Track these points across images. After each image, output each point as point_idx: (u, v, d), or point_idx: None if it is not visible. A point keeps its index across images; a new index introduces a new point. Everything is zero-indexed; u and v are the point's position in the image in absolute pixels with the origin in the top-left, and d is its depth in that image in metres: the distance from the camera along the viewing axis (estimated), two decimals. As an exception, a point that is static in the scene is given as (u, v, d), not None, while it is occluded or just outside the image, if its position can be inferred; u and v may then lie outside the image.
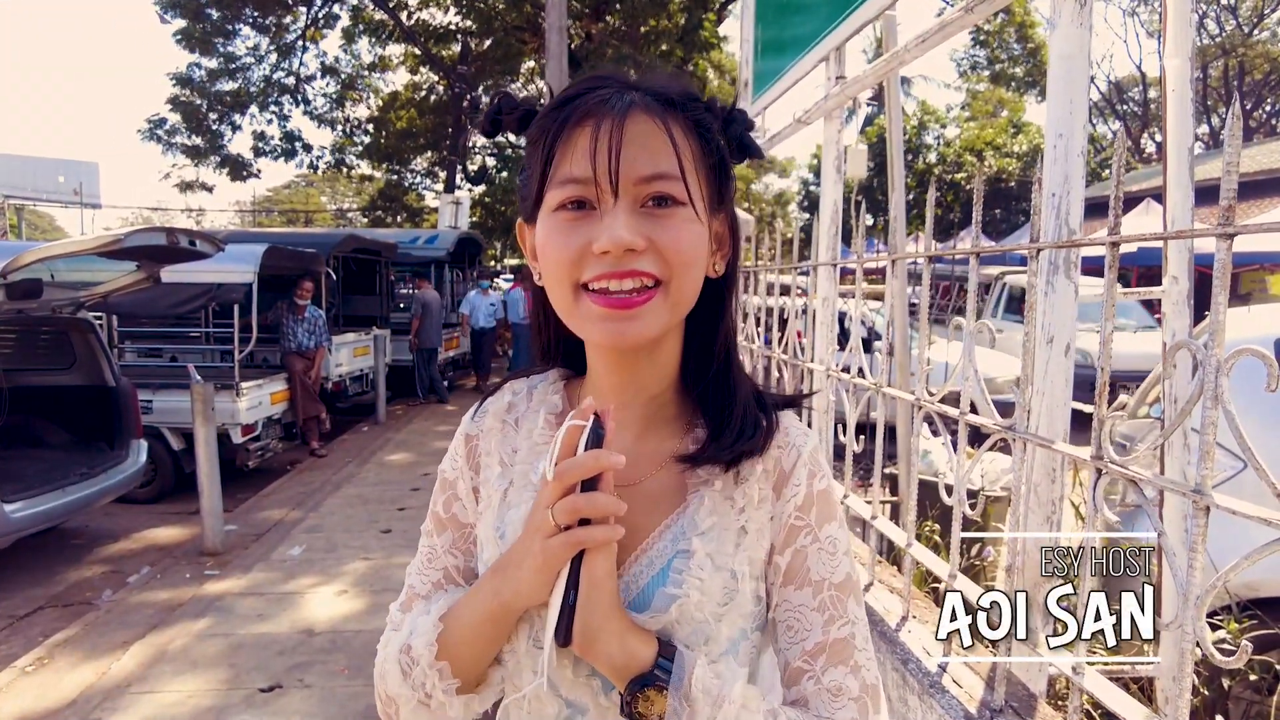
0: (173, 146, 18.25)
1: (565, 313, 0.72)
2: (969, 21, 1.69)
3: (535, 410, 0.83)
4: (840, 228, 2.37)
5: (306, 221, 36.39)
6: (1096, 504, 0.90)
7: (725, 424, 0.75)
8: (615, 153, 0.66)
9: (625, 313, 0.68)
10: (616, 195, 0.67)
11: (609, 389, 0.78)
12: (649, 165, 0.67)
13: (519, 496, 0.78)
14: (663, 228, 0.68)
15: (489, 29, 17.20)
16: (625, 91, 0.70)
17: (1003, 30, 24.68)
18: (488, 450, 0.83)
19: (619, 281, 0.67)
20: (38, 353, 5.86)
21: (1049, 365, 1.34)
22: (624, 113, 0.68)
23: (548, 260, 0.71)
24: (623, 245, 0.65)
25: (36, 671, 3.64)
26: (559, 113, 0.70)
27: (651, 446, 0.78)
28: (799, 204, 34.84)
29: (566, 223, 0.69)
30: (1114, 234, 0.90)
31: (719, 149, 0.74)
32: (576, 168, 0.68)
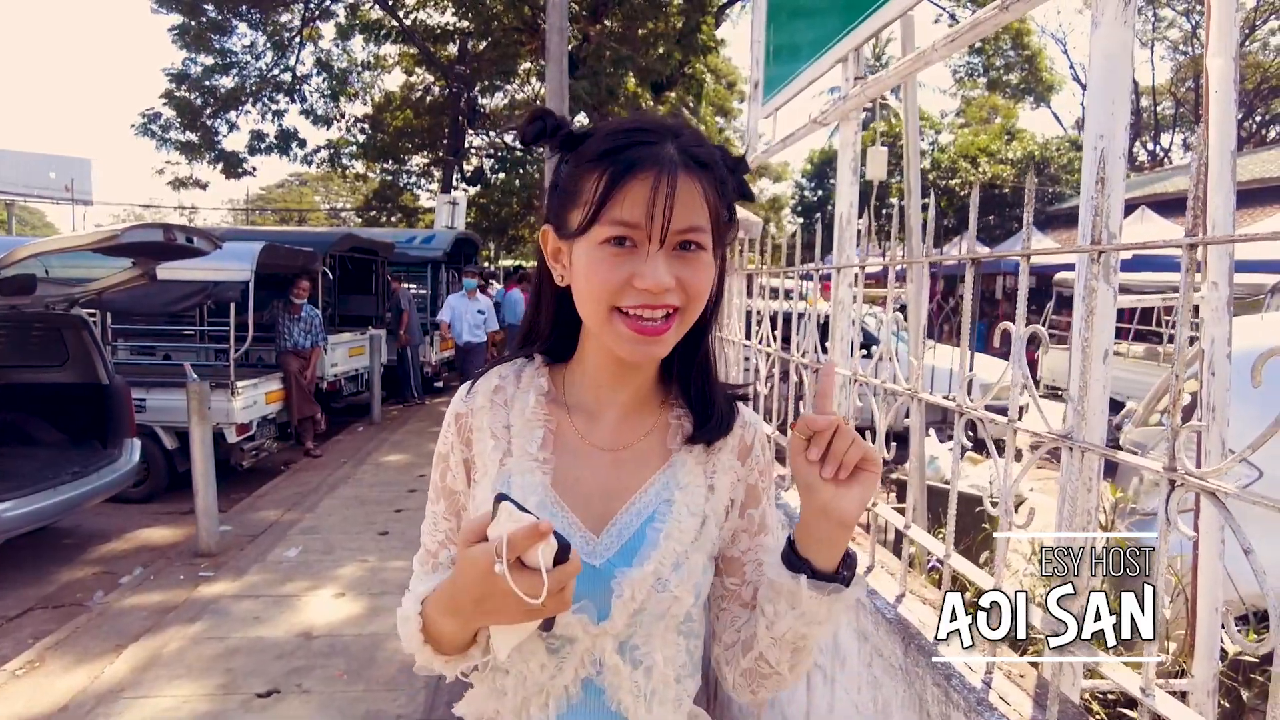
0: (167, 142, 18.11)
1: (597, 327, 0.85)
2: (1003, 20, 1.65)
3: (525, 391, 0.96)
4: (857, 230, 2.34)
5: (300, 221, 36.20)
6: (1170, 518, 0.87)
7: (709, 416, 0.94)
8: (667, 212, 0.79)
9: (652, 338, 0.83)
10: (662, 244, 0.81)
11: (604, 377, 0.94)
12: (686, 220, 0.81)
13: (519, 465, 0.91)
14: (689, 270, 0.83)
15: (487, 30, 17.15)
16: (671, 145, 0.82)
17: (998, 37, 24.76)
18: (479, 426, 0.95)
19: (652, 311, 0.82)
20: (30, 350, 5.77)
21: (1092, 368, 1.31)
22: (674, 173, 0.80)
23: (591, 283, 0.83)
24: (664, 288, 0.80)
25: (27, 675, 3.57)
26: (618, 157, 0.81)
27: (636, 420, 0.96)
28: (793, 209, 34.89)
29: (613, 256, 0.81)
30: (1191, 235, 0.87)
31: (729, 203, 0.88)
32: (631, 214, 0.80)
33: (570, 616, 0.85)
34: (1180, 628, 2.13)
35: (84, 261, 5.06)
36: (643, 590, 0.86)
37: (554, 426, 0.94)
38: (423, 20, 18.34)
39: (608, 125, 0.86)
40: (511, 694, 0.90)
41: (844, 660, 1.62)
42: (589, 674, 0.89)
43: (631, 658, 0.89)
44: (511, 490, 0.89)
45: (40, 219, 42.52)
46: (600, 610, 0.87)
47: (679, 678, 0.93)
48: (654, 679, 0.90)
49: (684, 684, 0.94)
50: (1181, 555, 1.94)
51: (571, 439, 0.94)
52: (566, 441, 0.94)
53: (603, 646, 0.88)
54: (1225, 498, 0.80)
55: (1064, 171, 23.40)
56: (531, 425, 0.93)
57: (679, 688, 0.93)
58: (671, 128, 0.85)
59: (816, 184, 31.69)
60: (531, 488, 0.90)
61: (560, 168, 0.90)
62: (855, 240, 2.42)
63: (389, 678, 3.52)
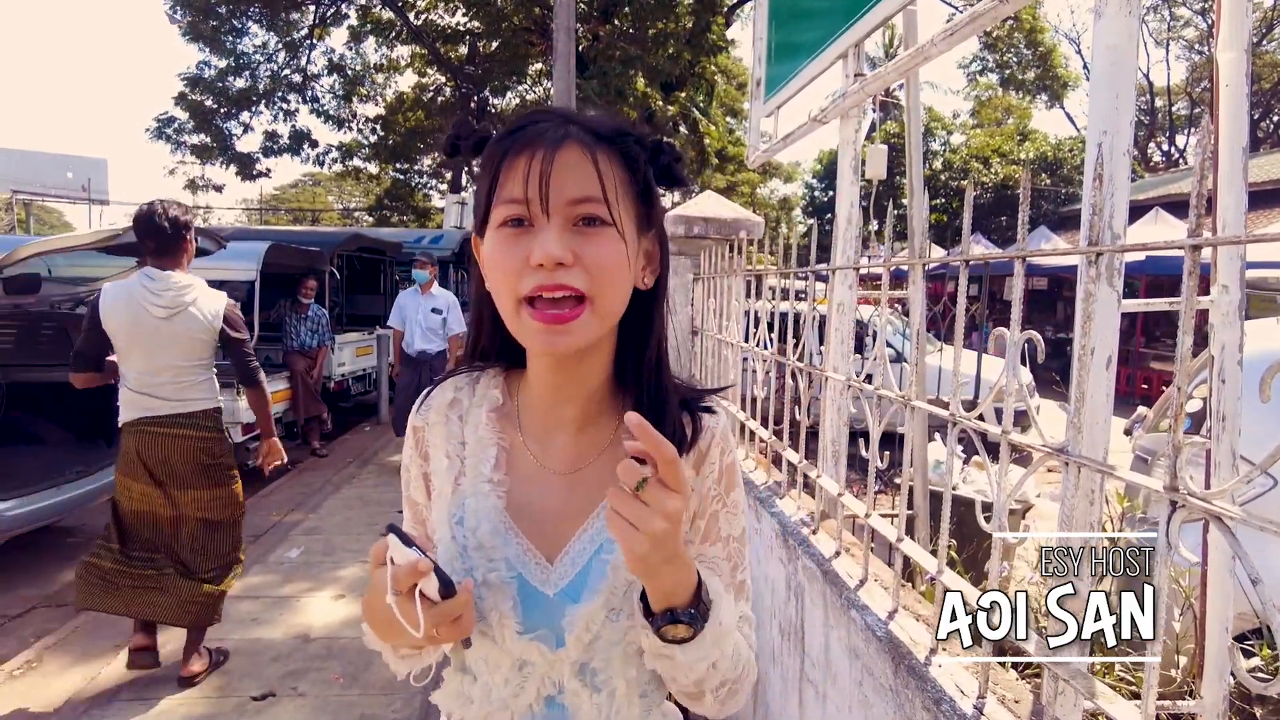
0: (181, 145, 18.21)
1: (508, 321, 0.82)
2: (1002, 12, 1.59)
3: (478, 405, 0.93)
4: (859, 231, 2.28)
5: (313, 220, 36.39)
6: (1171, 541, 0.81)
7: (661, 415, 0.86)
8: (546, 177, 0.76)
9: (559, 326, 0.77)
10: (549, 215, 0.77)
11: (548, 387, 0.89)
12: (577, 189, 0.78)
13: (473, 486, 0.89)
14: (589, 245, 0.78)
15: (497, 30, 17.12)
16: (563, 125, 0.80)
17: (1011, 35, 24.55)
18: (433, 442, 0.93)
19: (551, 292, 0.77)
20: (36, 349, 5.78)
21: (1090, 378, 1.25)
22: (558, 143, 0.78)
23: (493, 271, 0.81)
24: (553, 258, 0.75)
25: (25, 675, 3.56)
26: (505, 141, 0.80)
27: (589, 438, 0.90)
28: (803, 209, 34.75)
29: (508, 238, 0.79)
30: (1194, 235, 0.81)
31: (645, 177, 0.85)
32: (516, 189, 0.78)
33: (526, 643, 0.85)
34: (1190, 642, 2.06)
35: (88, 261, 5.05)
36: (596, 622, 0.84)
37: (507, 445, 0.91)
38: (433, 21, 18.35)
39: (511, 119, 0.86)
40: (478, 704, 0.89)
41: (835, 677, 1.57)
42: (551, 693, 0.87)
43: (592, 682, 0.87)
44: (465, 513, 0.88)
45: (58, 218, 42.90)
46: (556, 639, 0.85)
47: (644, 693, 0.90)
48: (616, 700, 0.88)
49: (651, 697, 0.92)
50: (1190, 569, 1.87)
51: (525, 460, 0.91)
52: (520, 461, 0.91)
53: (561, 671, 0.86)
54: (1232, 521, 0.74)
55: (1077, 172, 23.18)
56: (484, 444, 0.91)
57: (645, 701, 0.91)
58: (570, 113, 0.83)
59: (827, 184, 31.55)
60: (485, 512, 0.87)
61: None
62: (856, 241, 2.36)
63: (385, 682, 3.48)
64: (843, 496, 1.87)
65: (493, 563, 0.85)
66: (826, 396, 2.34)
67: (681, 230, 4.05)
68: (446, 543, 0.89)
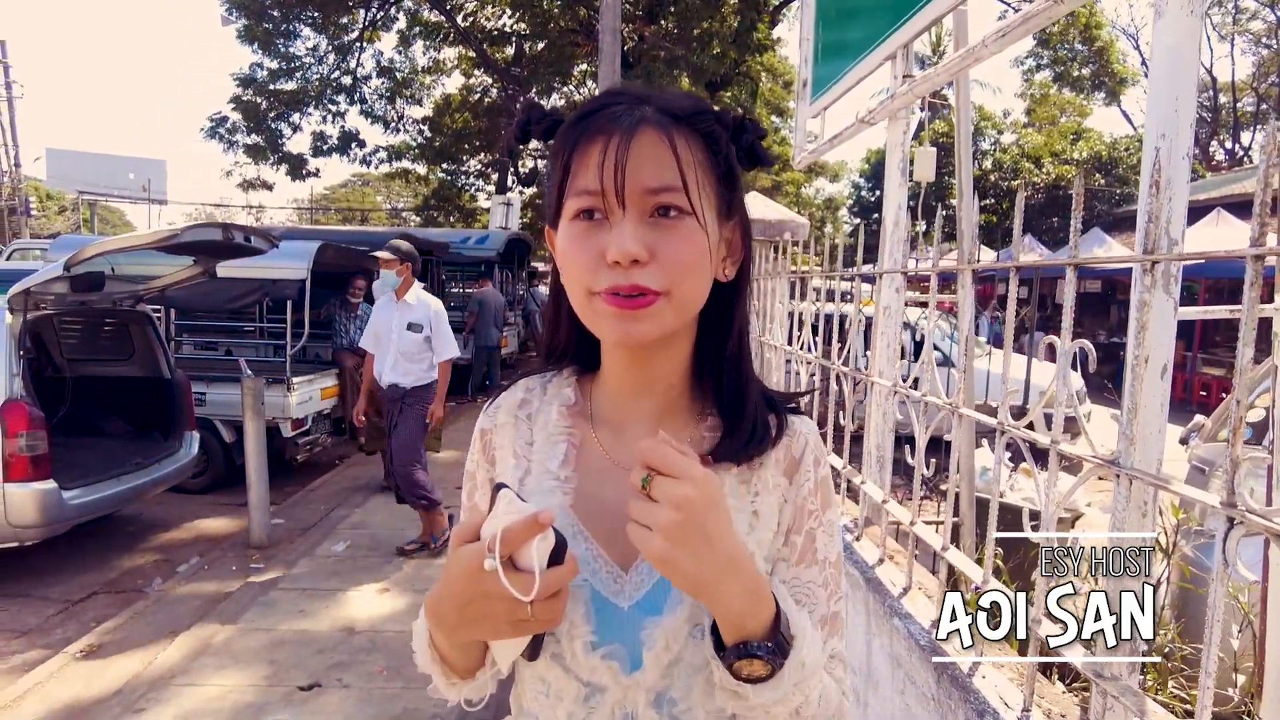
0: (234, 145, 18.71)
1: (581, 312, 0.77)
2: (1056, 13, 1.56)
3: (549, 403, 0.87)
4: (907, 233, 2.25)
5: (362, 220, 37.09)
6: (1229, 558, 0.79)
7: (738, 426, 0.81)
8: (620, 167, 0.71)
9: (631, 313, 0.72)
10: (624, 207, 0.72)
11: (625, 383, 0.84)
12: (654, 178, 0.72)
13: (537, 483, 0.83)
14: (667, 239, 0.72)
15: (543, 31, 17.26)
16: (637, 106, 0.75)
17: (1066, 30, 23.93)
18: (501, 444, 0.88)
19: (627, 293, 0.72)
20: (99, 344, 6.01)
21: (1144, 388, 1.22)
22: (632, 128, 0.72)
23: (567, 265, 0.76)
24: (629, 255, 0.70)
25: (86, 658, 3.70)
26: (576, 127, 0.75)
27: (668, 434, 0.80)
28: (849, 209, 34.34)
29: (581, 231, 0.74)
30: (1258, 245, 0.78)
31: (727, 159, 0.78)
32: (588, 180, 0.72)
33: (597, 661, 0.76)
34: (1248, 660, 1.99)
35: (148, 259, 5.23)
36: (677, 641, 0.75)
37: (577, 441, 0.84)
38: (480, 23, 18.57)
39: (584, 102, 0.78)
40: None
41: (877, 685, 1.55)
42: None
43: (670, 713, 0.77)
44: None
45: (120, 218, 44.44)
46: (631, 659, 0.76)
47: None
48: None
49: None
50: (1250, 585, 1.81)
51: (596, 456, 0.84)
52: (591, 458, 0.84)
53: (635, 700, 0.77)
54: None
55: (1133, 172, 22.49)
56: (553, 439, 0.84)
57: None
58: (646, 93, 0.77)
59: (874, 184, 31.14)
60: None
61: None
62: (903, 244, 2.33)
63: (427, 676, 3.54)
64: (887, 503, 1.85)
65: None
66: (872, 401, 2.31)
67: (725, 232, 4.03)
68: None
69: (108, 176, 29.68)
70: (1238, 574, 0.79)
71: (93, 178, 28.94)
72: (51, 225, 29.87)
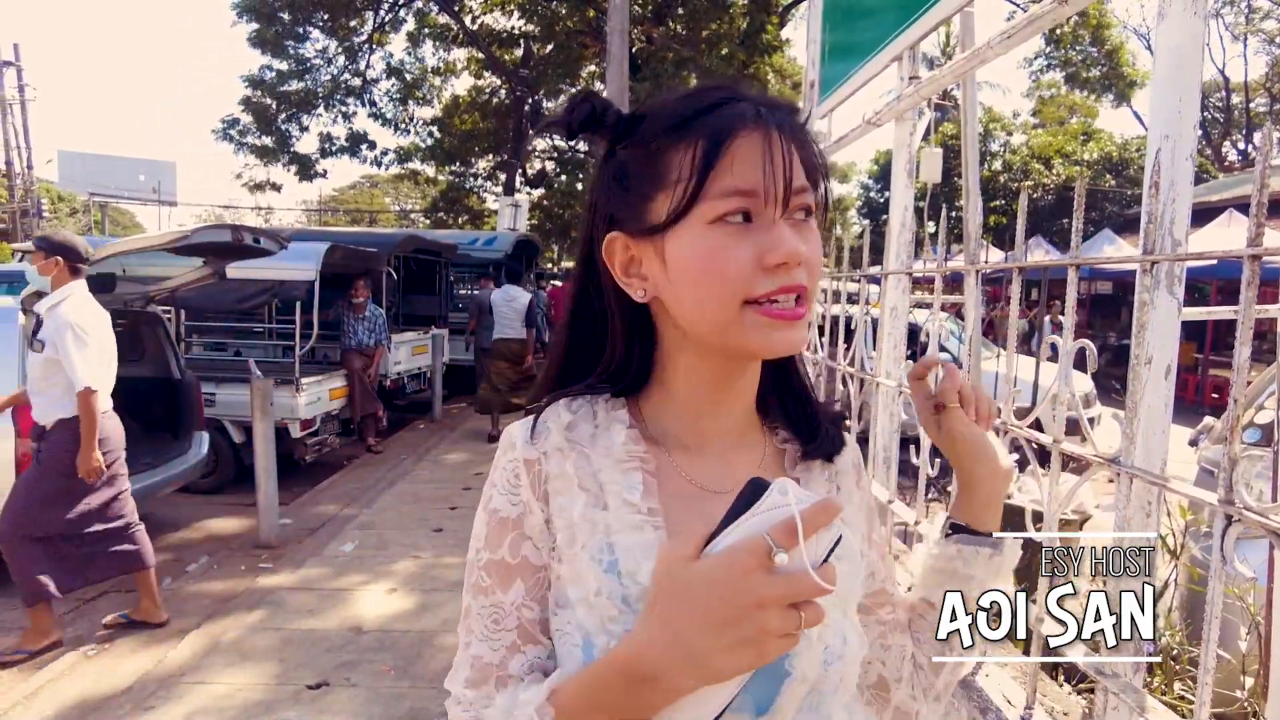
0: (244, 146, 18.84)
1: (719, 327, 0.69)
2: (1062, 15, 1.56)
3: (605, 427, 0.76)
4: (913, 234, 2.26)
5: (371, 221, 37.27)
6: (1226, 555, 0.79)
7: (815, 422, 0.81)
8: (789, 164, 0.67)
9: (793, 322, 0.68)
10: (776, 207, 0.67)
11: (706, 402, 0.77)
12: (800, 177, 0.69)
13: (619, 519, 0.71)
14: (808, 240, 0.70)
15: (551, 33, 17.33)
16: (759, 104, 0.70)
17: (1076, 31, 23.84)
18: (560, 474, 0.73)
19: (787, 295, 0.68)
20: (110, 344, 6.05)
21: (1146, 388, 1.22)
22: (779, 126, 0.68)
23: (712, 274, 0.68)
24: (799, 256, 0.67)
25: (98, 655, 3.73)
26: (702, 121, 0.69)
27: (746, 451, 0.80)
28: (858, 210, 34.29)
29: (733, 235, 0.67)
30: (1254, 245, 0.79)
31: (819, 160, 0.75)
32: (743, 179, 0.67)
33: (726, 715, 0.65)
34: (1256, 662, 1.99)
35: (158, 261, 5.27)
36: (814, 669, 0.68)
37: (653, 468, 0.75)
38: (488, 25, 18.65)
39: (671, 96, 0.73)
40: None
41: (881, 684, 1.56)
42: None
43: None
44: (619, 555, 0.70)
45: (130, 219, 44.75)
46: (758, 702, 0.67)
47: None
48: None
49: None
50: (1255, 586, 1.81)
51: (675, 482, 0.76)
52: (671, 485, 0.75)
53: None
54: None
55: (1143, 173, 22.42)
56: (625, 468, 0.74)
57: None
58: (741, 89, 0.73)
59: (882, 185, 31.09)
60: (644, 549, 0.70)
61: (617, 157, 0.74)
62: (909, 245, 2.34)
63: (434, 675, 3.56)
64: (892, 504, 1.85)
65: None
66: (878, 402, 2.31)
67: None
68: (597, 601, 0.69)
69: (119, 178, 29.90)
70: (1235, 570, 0.80)
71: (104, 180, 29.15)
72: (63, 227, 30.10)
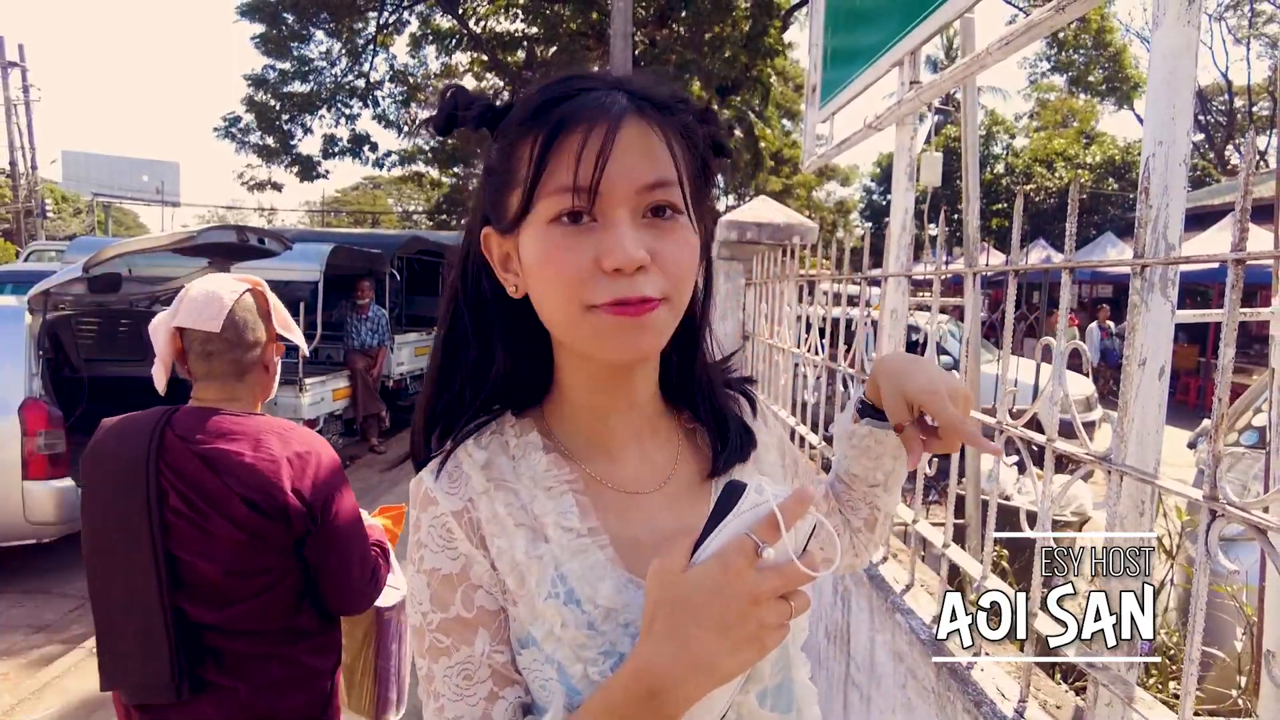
0: (246, 145, 18.88)
1: (569, 329, 0.67)
2: (1059, 22, 1.59)
3: (522, 454, 0.74)
4: (913, 237, 2.28)
5: (373, 223, 37.33)
6: (1210, 550, 0.82)
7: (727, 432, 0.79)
8: (605, 158, 0.62)
9: (636, 320, 0.64)
10: (610, 205, 0.63)
11: (599, 407, 0.75)
12: (650, 172, 0.64)
13: (563, 547, 0.70)
14: (664, 240, 0.65)
15: (554, 36, 17.36)
16: (612, 91, 0.66)
17: (1078, 36, 23.86)
18: (492, 517, 0.71)
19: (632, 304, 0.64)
20: (116, 344, 6.09)
21: (1140, 389, 1.25)
22: (620, 116, 0.64)
23: (549, 278, 0.66)
24: (634, 263, 0.62)
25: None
26: (545, 114, 0.65)
27: (658, 447, 0.78)
28: (860, 213, 34.32)
29: (565, 237, 0.64)
30: (1238, 249, 0.82)
31: (703, 153, 0.71)
32: (574, 175, 0.63)
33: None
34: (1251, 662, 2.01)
35: (164, 261, 5.30)
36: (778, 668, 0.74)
37: (581, 486, 0.73)
38: (492, 27, 18.69)
39: (533, 86, 0.70)
40: None
41: (879, 680, 1.59)
42: None
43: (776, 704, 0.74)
44: (572, 583, 0.69)
45: (134, 219, 44.87)
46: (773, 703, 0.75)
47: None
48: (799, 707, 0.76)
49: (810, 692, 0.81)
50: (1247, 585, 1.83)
51: (605, 494, 0.75)
52: (601, 499, 0.74)
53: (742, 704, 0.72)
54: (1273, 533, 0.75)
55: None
56: (554, 493, 0.72)
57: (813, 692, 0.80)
58: (616, 78, 0.69)
59: (885, 188, 31.11)
60: (596, 570, 0.69)
61: (490, 151, 0.74)
62: (909, 247, 2.36)
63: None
64: (890, 502, 1.87)
65: (629, 626, 0.67)
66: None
67: (734, 235, 4.07)
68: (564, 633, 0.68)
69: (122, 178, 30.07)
70: (1220, 565, 0.82)
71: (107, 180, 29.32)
72: (67, 227, 30.23)
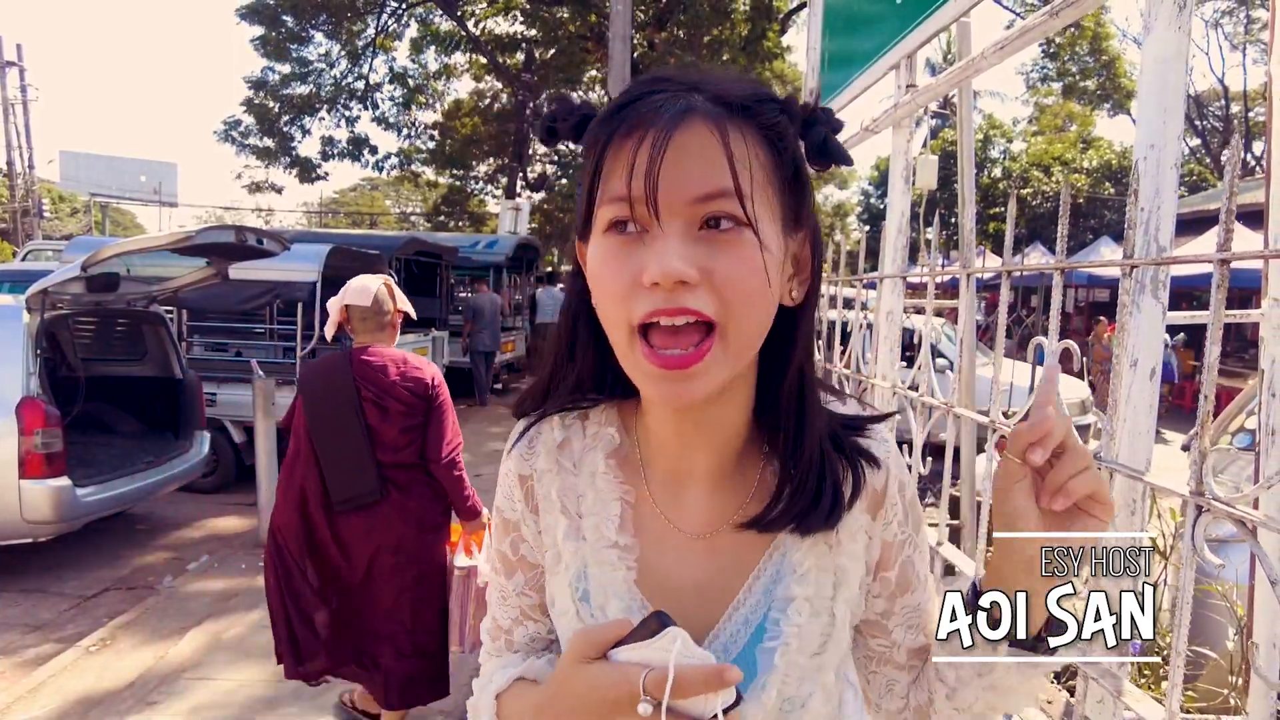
0: (245, 148, 18.90)
1: (621, 355, 0.65)
2: (1052, 27, 1.61)
3: (593, 447, 0.75)
4: (908, 239, 2.30)
5: (371, 224, 37.33)
6: (1196, 545, 0.83)
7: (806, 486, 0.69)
8: (655, 168, 0.58)
9: (681, 372, 0.60)
10: (662, 217, 0.59)
11: (674, 438, 0.71)
12: (702, 182, 0.59)
13: (596, 552, 0.72)
14: (719, 256, 0.59)
15: (553, 38, 17.40)
16: (684, 94, 0.61)
17: (1075, 42, 23.95)
18: (546, 495, 0.75)
19: (670, 319, 0.59)
20: (113, 344, 6.09)
21: (1131, 389, 1.26)
22: (676, 121, 0.59)
23: (600, 291, 0.64)
24: (672, 277, 0.57)
25: (100, 652, 3.76)
26: (609, 121, 0.62)
27: (727, 493, 0.73)
28: (858, 216, 34.41)
29: (617, 248, 0.61)
30: (1224, 250, 0.83)
31: (794, 157, 0.65)
32: (621, 185, 0.60)
33: None
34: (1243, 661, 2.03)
35: (162, 261, 5.31)
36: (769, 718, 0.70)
37: (632, 499, 0.73)
38: (490, 29, 18.73)
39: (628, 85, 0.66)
40: None
41: (873, 677, 1.60)
42: None
43: None
44: (590, 586, 0.72)
45: (131, 220, 44.79)
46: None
47: None
48: None
49: None
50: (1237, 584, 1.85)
51: (654, 521, 0.73)
52: (647, 521, 0.73)
53: None
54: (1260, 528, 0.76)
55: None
56: (605, 499, 0.73)
57: None
58: (696, 78, 0.63)
59: (882, 191, 31.18)
60: (613, 586, 0.71)
61: None
62: (904, 250, 2.38)
63: (434, 672, 3.58)
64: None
65: None
66: (874, 403, 2.36)
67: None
68: (569, 620, 0.73)
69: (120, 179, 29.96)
70: (1205, 560, 0.84)
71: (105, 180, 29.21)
72: (64, 227, 30.18)
